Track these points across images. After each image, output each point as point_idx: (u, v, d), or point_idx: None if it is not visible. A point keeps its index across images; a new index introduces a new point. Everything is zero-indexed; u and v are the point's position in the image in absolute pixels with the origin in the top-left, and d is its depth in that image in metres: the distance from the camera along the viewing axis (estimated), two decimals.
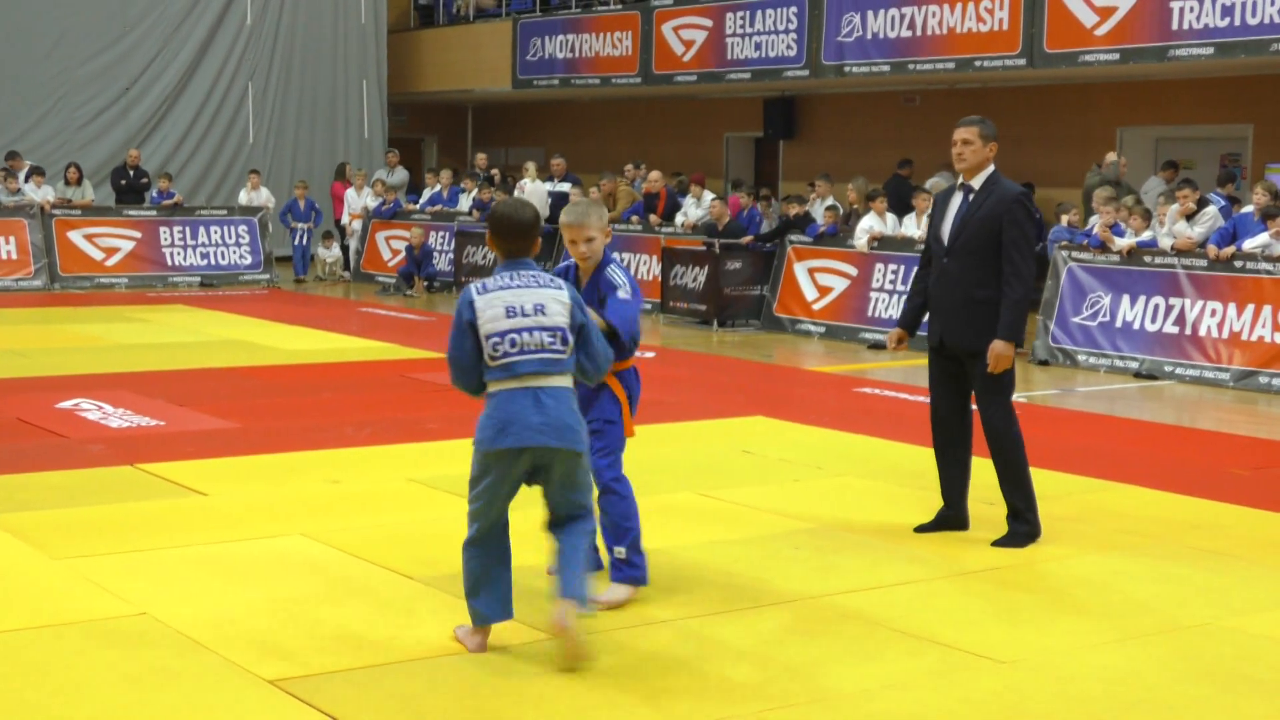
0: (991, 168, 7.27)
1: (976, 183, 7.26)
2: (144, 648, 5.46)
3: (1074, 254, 14.88)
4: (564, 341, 5.37)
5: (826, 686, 5.18)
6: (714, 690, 5.12)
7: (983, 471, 7.46)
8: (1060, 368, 14.47)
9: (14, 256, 20.84)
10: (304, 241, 23.43)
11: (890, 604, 6.22)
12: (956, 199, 7.32)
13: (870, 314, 16.58)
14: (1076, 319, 14.66)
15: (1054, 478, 8.89)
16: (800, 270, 17.50)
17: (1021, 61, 18.18)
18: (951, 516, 7.44)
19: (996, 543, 7.19)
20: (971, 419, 7.42)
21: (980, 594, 6.45)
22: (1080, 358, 14.49)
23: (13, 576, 6.38)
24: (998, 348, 7.06)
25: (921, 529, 7.43)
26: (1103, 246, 14.60)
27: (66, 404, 10.81)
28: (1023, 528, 7.25)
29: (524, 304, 5.34)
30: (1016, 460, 7.27)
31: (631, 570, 6.10)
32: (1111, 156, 17.96)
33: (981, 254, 7.14)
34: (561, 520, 5.54)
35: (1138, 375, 13.89)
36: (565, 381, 5.42)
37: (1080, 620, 6.09)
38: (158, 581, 6.32)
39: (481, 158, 24.70)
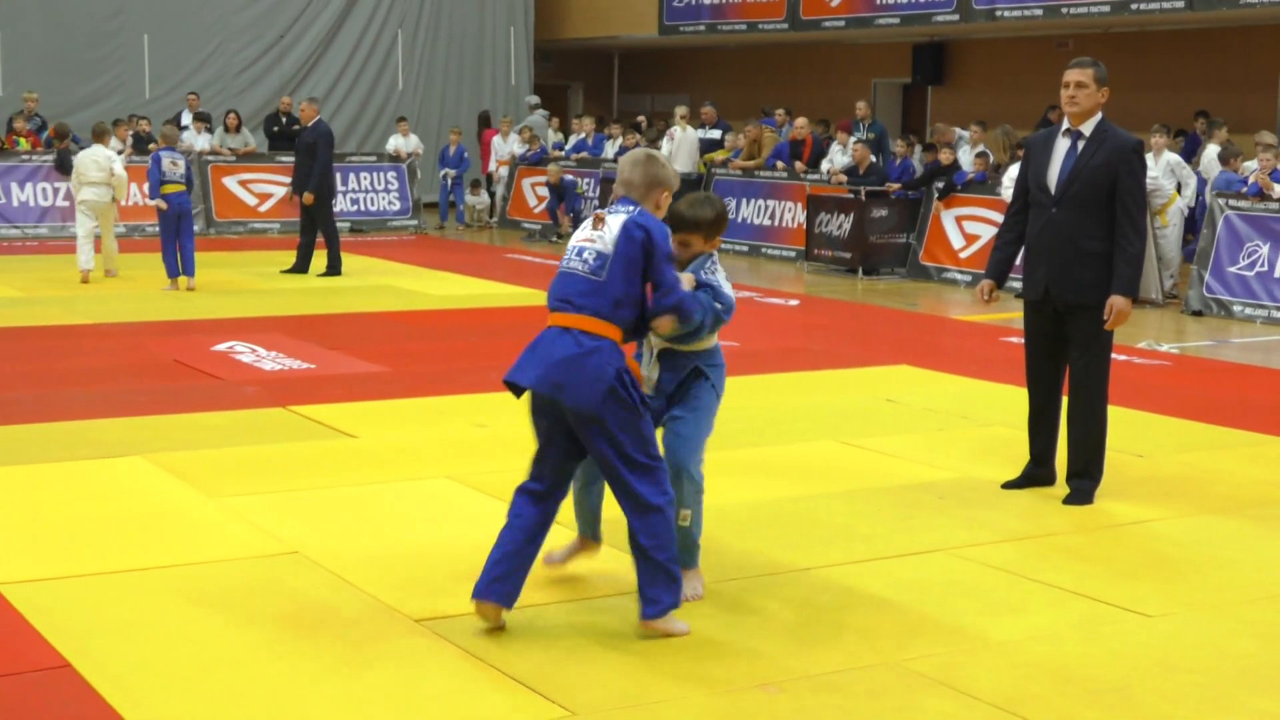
0: (1100, 115, 6.94)
1: (1086, 129, 6.92)
2: (296, 585, 5.59)
3: (1231, 202, 14.50)
4: None
5: (971, 637, 5.14)
6: (855, 638, 5.11)
7: (1122, 422, 7.29)
8: (1215, 318, 14.14)
9: None
10: (450, 187, 23.66)
11: (1035, 555, 6.15)
12: (1061, 145, 6.97)
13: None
14: (1233, 269, 14.30)
15: (1209, 430, 8.71)
16: (947, 218, 17.26)
17: (1180, 4, 17.70)
18: (1040, 474, 7.24)
19: (1067, 500, 6.96)
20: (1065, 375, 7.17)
21: (1129, 548, 6.35)
22: (1236, 308, 14.15)
23: (171, 514, 6.55)
24: (1118, 303, 6.80)
25: (1009, 485, 7.24)
26: (1261, 194, 14.20)
27: (221, 346, 11.06)
28: (1088, 484, 7.01)
29: None
30: (1101, 419, 7.02)
31: None
32: None
33: (1094, 204, 6.84)
34: None
35: None
36: None
37: (1231, 575, 5.96)
38: (309, 521, 6.46)
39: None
